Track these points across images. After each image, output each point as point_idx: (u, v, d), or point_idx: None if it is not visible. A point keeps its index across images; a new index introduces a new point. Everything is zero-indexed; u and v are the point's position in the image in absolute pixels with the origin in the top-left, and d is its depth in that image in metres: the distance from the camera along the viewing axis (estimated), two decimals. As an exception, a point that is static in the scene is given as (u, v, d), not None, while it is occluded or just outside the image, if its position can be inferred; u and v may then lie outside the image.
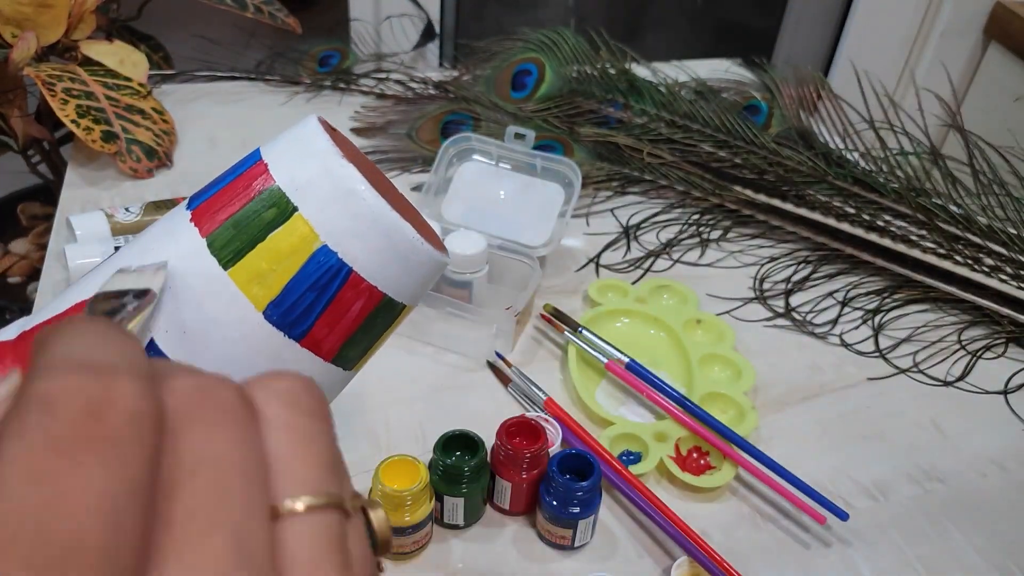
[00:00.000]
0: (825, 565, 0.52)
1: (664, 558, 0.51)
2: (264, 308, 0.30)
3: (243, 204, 0.31)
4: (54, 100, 0.77)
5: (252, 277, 0.30)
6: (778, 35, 1.50)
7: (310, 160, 0.31)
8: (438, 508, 0.51)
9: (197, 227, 0.31)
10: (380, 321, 0.32)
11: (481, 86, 0.93)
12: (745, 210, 0.83)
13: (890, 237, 0.78)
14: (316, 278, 0.30)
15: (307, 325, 0.31)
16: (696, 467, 0.57)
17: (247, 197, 0.31)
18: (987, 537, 0.54)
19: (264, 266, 0.30)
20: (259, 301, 0.30)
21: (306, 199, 0.30)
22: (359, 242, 0.31)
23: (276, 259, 0.30)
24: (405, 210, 0.33)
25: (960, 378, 0.67)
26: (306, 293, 0.30)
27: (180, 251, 0.31)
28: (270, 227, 0.30)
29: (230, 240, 0.30)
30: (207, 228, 0.31)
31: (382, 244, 0.31)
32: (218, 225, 0.31)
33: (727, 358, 0.65)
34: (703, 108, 0.89)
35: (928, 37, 1.41)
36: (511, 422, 0.52)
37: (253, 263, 0.30)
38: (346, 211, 0.30)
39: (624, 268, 0.76)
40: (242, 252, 0.30)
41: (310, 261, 0.30)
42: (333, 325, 0.31)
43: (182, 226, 0.32)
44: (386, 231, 0.31)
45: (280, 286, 0.30)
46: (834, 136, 0.86)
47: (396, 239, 0.31)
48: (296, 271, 0.30)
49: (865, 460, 0.59)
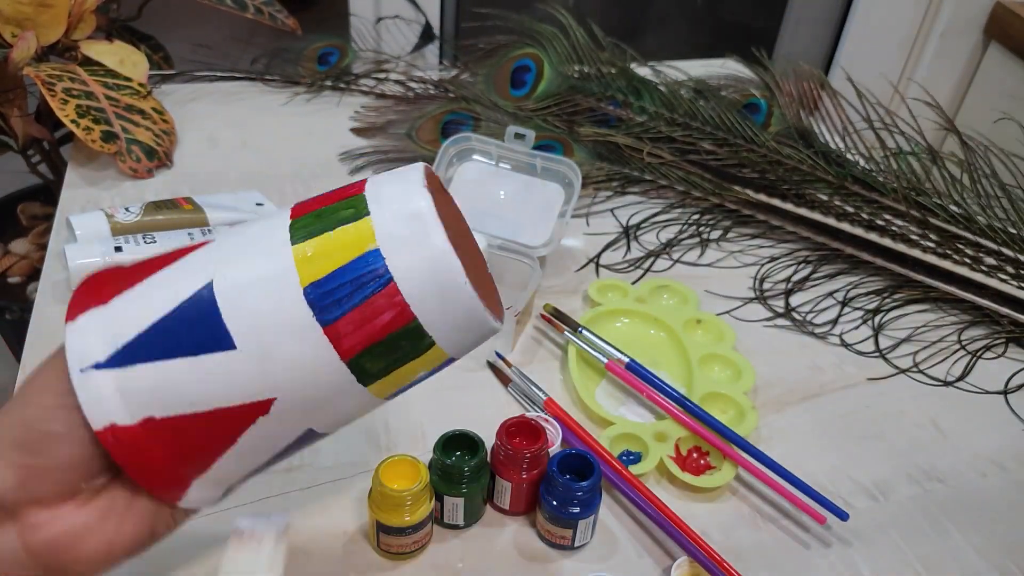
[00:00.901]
0: (825, 565, 0.52)
1: (664, 558, 0.51)
2: (306, 285, 0.32)
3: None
4: (54, 100, 0.77)
5: (309, 258, 0.33)
6: (778, 35, 1.50)
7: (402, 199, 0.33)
8: (438, 508, 0.51)
9: (291, 214, 0.35)
10: (405, 346, 0.33)
11: (480, 85, 0.93)
12: (745, 210, 0.83)
13: (890, 237, 0.78)
14: (359, 274, 0.32)
15: (335, 315, 0.32)
16: (696, 467, 0.57)
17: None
18: (987, 537, 0.54)
19: (321, 252, 0.33)
20: (304, 278, 0.32)
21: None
22: (412, 269, 0.33)
23: (334, 248, 0.33)
24: (475, 267, 0.35)
25: (960, 378, 0.67)
26: (345, 285, 0.32)
27: (269, 222, 0.35)
28: (342, 222, 0.33)
29: (307, 224, 0.33)
30: (298, 212, 0.34)
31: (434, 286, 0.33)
32: (306, 212, 0.34)
33: (727, 358, 0.65)
34: (703, 106, 0.89)
35: (928, 37, 1.42)
36: (511, 422, 0.52)
37: (315, 246, 0.33)
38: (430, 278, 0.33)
39: (624, 268, 0.76)
40: (311, 235, 0.33)
41: (360, 258, 0.32)
42: (358, 327, 0.32)
43: (283, 212, 0.35)
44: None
45: (326, 272, 0.32)
46: (834, 135, 0.86)
47: (449, 291, 0.33)
48: (344, 263, 0.32)
49: (865, 460, 0.59)
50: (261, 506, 0.52)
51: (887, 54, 1.44)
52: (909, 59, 1.45)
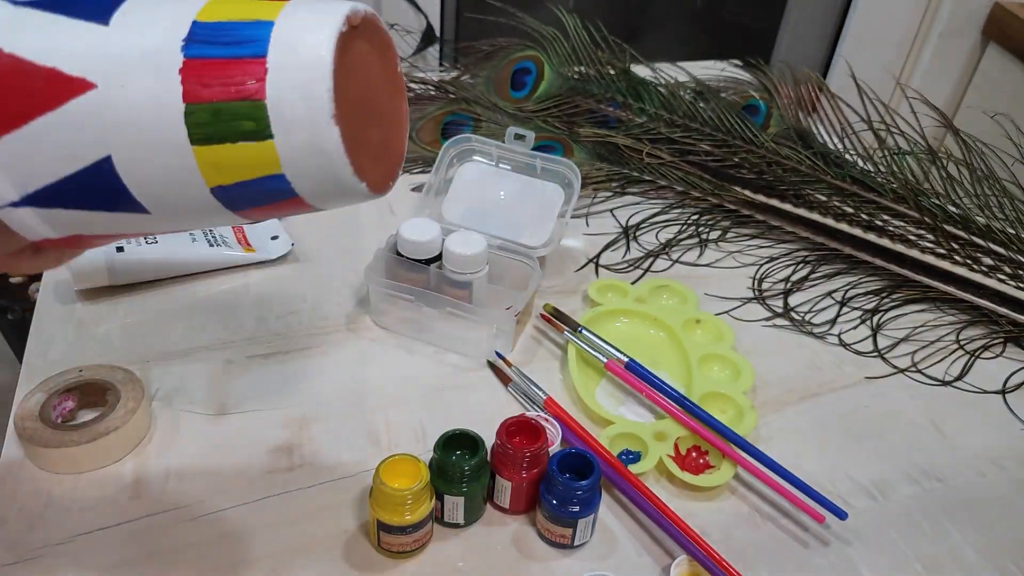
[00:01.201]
0: (824, 564, 0.52)
1: (663, 557, 0.51)
2: (213, 187, 0.33)
3: (230, 99, 0.32)
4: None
5: (213, 163, 0.33)
6: (777, 35, 1.50)
7: (302, 103, 0.32)
8: (438, 507, 0.51)
9: (183, 85, 0.32)
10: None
11: (481, 86, 0.94)
12: (744, 210, 0.83)
13: (888, 237, 0.78)
14: (267, 191, 0.33)
15: (244, 208, 0.35)
16: (695, 466, 0.57)
17: (237, 94, 0.32)
18: (985, 536, 0.55)
19: (226, 162, 0.33)
20: (211, 180, 0.33)
21: (283, 132, 0.32)
22: (312, 183, 0.34)
23: (239, 163, 0.33)
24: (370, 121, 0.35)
25: (958, 378, 0.68)
26: (254, 196, 0.34)
27: (155, 90, 0.32)
28: (244, 137, 0.32)
29: (205, 123, 0.32)
30: (190, 95, 0.32)
31: (332, 189, 0.34)
32: (200, 101, 0.32)
33: (726, 358, 0.65)
34: (702, 107, 0.89)
35: (927, 38, 1.42)
36: (511, 421, 0.52)
37: (218, 154, 0.32)
38: (314, 166, 0.33)
39: (623, 268, 0.76)
40: (211, 140, 0.32)
41: (266, 179, 0.33)
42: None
43: (168, 65, 0.32)
44: (341, 185, 0.34)
45: (233, 181, 0.33)
46: (832, 136, 0.87)
47: (346, 189, 0.34)
48: (252, 179, 0.33)
49: (864, 459, 0.59)
50: (261, 504, 0.52)
51: (886, 55, 1.45)
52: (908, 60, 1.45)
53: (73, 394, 0.56)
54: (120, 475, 0.53)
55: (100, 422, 0.53)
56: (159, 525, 0.50)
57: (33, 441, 0.52)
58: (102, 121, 0.32)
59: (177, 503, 0.52)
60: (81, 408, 0.57)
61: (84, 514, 0.50)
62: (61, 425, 0.53)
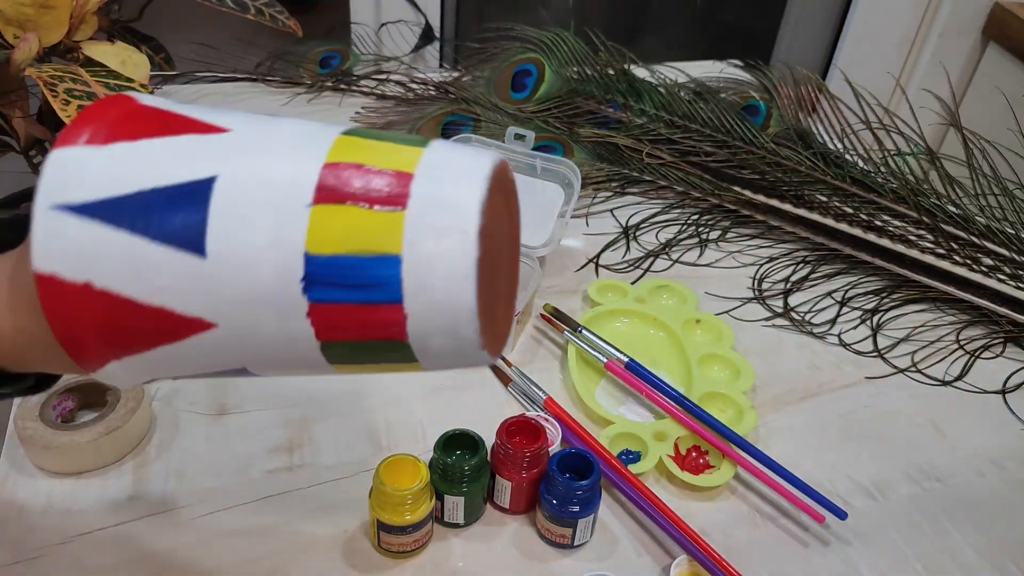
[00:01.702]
0: (824, 564, 0.52)
1: (663, 557, 0.51)
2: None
3: (370, 339, 0.30)
4: (56, 101, 0.77)
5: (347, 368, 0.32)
6: (777, 36, 1.50)
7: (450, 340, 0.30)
8: (438, 507, 0.51)
9: (314, 327, 0.30)
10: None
11: (481, 87, 0.94)
12: (744, 210, 0.83)
13: (888, 237, 0.78)
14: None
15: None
16: (695, 466, 0.57)
17: (378, 336, 0.30)
18: (985, 536, 0.55)
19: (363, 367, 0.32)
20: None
21: (425, 355, 0.31)
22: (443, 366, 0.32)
23: (376, 367, 0.32)
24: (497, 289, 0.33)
25: (958, 378, 0.68)
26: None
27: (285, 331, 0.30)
28: (387, 359, 0.31)
29: (345, 355, 0.31)
30: (324, 335, 0.30)
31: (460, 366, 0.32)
32: (336, 340, 0.30)
33: (726, 358, 0.65)
34: (702, 108, 0.89)
35: (927, 38, 1.42)
36: (511, 421, 0.52)
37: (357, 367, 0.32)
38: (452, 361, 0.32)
39: (623, 268, 0.76)
40: (350, 362, 0.31)
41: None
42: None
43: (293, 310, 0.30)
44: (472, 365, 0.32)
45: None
46: (832, 137, 0.87)
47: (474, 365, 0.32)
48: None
49: (863, 459, 0.59)
50: (261, 505, 0.52)
51: (886, 55, 1.45)
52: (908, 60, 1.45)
53: (73, 394, 0.56)
54: (120, 475, 0.53)
55: (100, 422, 0.53)
56: (158, 525, 0.50)
57: (33, 441, 0.52)
58: (231, 349, 0.31)
59: (176, 503, 0.52)
60: (81, 408, 0.57)
61: (84, 514, 0.50)
62: (61, 425, 0.53)
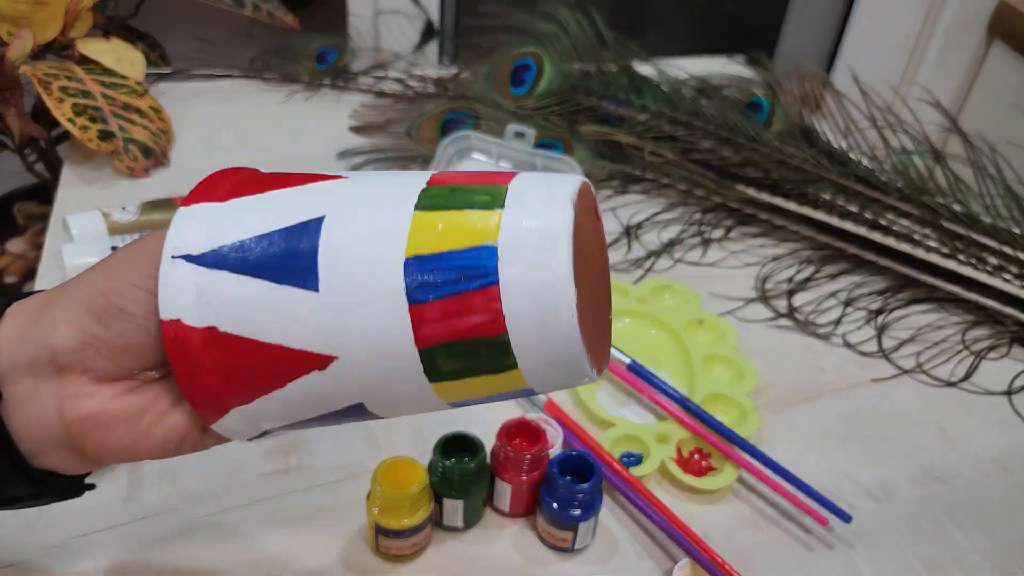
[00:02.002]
0: (827, 567, 0.51)
1: (665, 560, 0.51)
2: (410, 255, 0.31)
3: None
4: (50, 98, 0.77)
5: (424, 228, 0.31)
6: (780, 33, 1.50)
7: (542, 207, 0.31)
8: (437, 510, 0.50)
9: (429, 180, 0.32)
10: (485, 356, 0.31)
11: (480, 83, 0.93)
12: (747, 209, 0.82)
13: (893, 236, 0.78)
14: (466, 265, 0.30)
15: (426, 297, 0.31)
16: (698, 469, 0.56)
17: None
18: (990, 538, 0.54)
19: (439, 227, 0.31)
20: (412, 247, 0.31)
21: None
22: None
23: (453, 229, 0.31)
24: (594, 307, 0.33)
25: (963, 379, 0.67)
26: (449, 270, 0.30)
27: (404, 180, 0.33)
28: (473, 206, 0.31)
29: (438, 195, 0.32)
30: (435, 181, 0.32)
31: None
32: (442, 183, 0.32)
33: (729, 359, 0.64)
34: (705, 105, 0.88)
35: (931, 35, 1.41)
36: (511, 423, 0.52)
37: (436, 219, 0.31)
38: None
39: (625, 268, 0.76)
40: (436, 207, 0.32)
41: (474, 249, 0.30)
42: (444, 317, 0.31)
43: (423, 175, 0.33)
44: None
45: (435, 250, 0.31)
46: (836, 134, 0.86)
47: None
48: (457, 248, 0.31)
49: (868, 461, 0.59)
50: (260, 507, 0.51)
51: (890, 53, 1.44)
52: (912, 57, 1.44)
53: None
54: (115, 477, 0.53)
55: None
56: (154, 528, 0.50)
57: (26, 443, 0.51)
58: (351, 383, 0.33)
59: (172, 506, 0.51)
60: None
61: (79, 516, 0.50)
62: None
